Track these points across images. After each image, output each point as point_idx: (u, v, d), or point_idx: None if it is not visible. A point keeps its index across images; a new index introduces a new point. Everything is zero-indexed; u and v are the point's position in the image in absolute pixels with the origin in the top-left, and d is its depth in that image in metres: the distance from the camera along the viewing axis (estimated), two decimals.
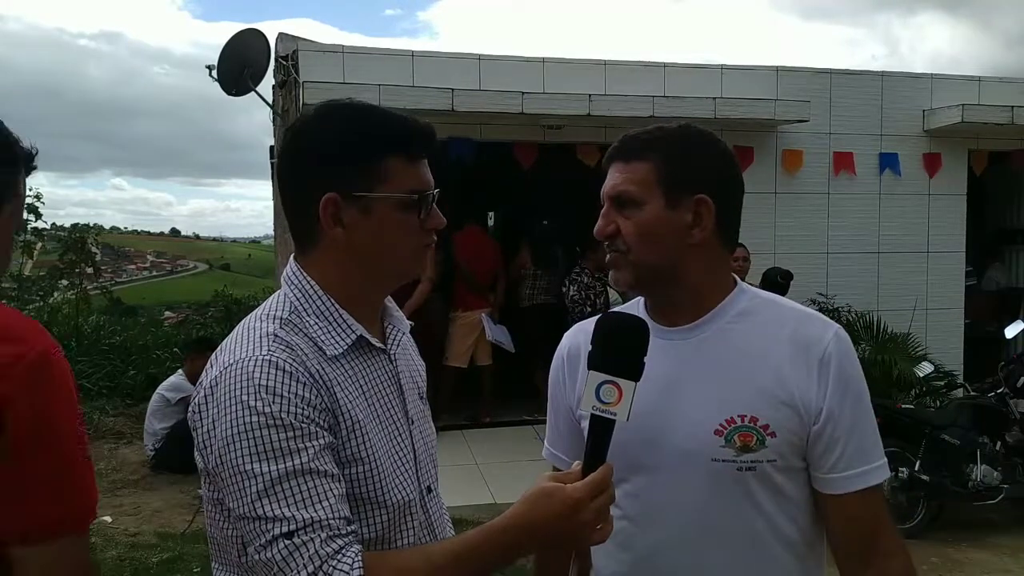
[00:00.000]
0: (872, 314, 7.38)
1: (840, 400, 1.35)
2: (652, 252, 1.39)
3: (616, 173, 1.43)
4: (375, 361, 1.35)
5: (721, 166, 1.44)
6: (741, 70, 7.36)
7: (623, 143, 1.45)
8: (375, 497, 1.26)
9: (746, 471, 1.34)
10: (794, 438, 1.35)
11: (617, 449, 1.36)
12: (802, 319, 1.43)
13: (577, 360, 1.51)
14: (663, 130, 1.45)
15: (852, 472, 1.36)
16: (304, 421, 1.16)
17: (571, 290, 6.71)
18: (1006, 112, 7.44)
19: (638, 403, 1.30)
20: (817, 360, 1.36)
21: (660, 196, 1.38)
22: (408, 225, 1.30)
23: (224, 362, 1.21)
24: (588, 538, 1.20)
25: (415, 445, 1.38)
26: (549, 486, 1.18)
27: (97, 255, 12.68)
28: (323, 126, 1.30)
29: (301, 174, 1.30)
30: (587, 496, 1.16)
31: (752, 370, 1.37)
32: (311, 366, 1.22)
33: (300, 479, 1.13)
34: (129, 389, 8.82)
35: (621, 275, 1.43)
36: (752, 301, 1.45)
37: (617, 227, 1.40)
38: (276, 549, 1.11)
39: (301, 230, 1.32)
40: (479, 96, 6.36)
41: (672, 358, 1.40)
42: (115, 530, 5.30)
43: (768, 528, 1.37)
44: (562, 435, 1.58)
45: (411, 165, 1.30)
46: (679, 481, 1.37)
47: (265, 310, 1.30)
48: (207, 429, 1.19)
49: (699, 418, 1.36)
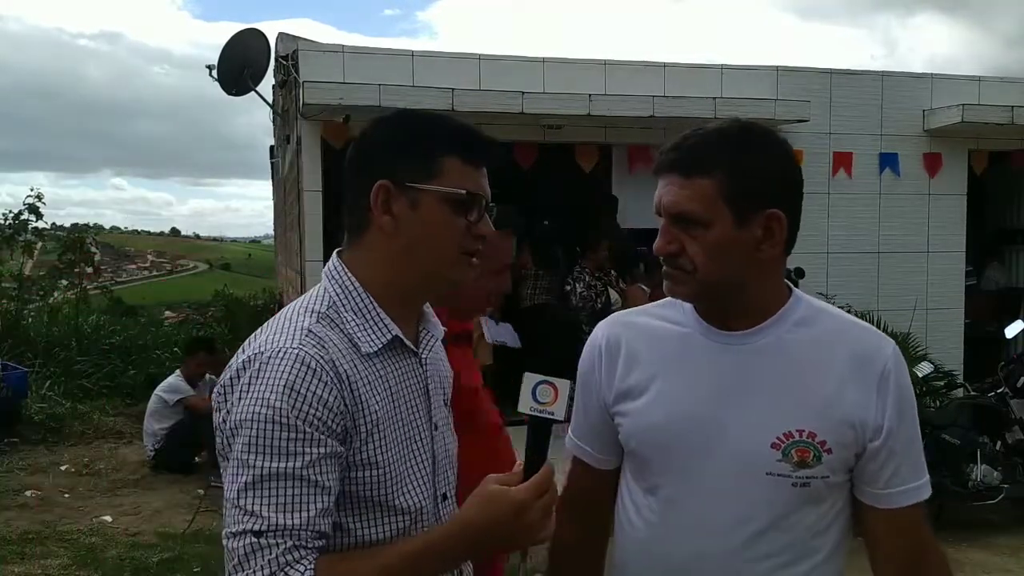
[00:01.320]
0: (872, 314, 7.36)
1: (899, 417, 1.33)
2: (720, 271, 1.32)
3: (674, 188, 1.32)
4: (406, 364, 1.35)
5: (787, 170, 1.37)
6: (741, 70, 7.36)
7: (680, 153, 1.33)
8: (385, 501, 1.26)
9: (800, 487, 1.31)
10: (848, 454, 1.33)
11: (662, 455, 1.35)
12: (860, 332, 1.40)
13: (618, 352, 1.45)
14: (724, 135, 1.34)
15: (907, 487, 1.36)
16: (312, 425, 1.17)
17: (578, 287, 6.70)
18: (1006, 112, 7.44)
19: (686, 409, 1.30)
20: (877, 376, 1.33)
21: (728, 214, 1.30)
22: (454, 226, 1.30)
23: (254, 349, 1.23)
24: (534, 539, 1.22)
25: (435, 451, 1.38)
26: (494, 489, 1.20)
27: (96, 255, 12.67)
28: (393, 123, 1.35)
29: (359, 165, 1.33)
30: (532, 498, 1.18)
31: (811, 383, 1.33)
32: (340, 363, 1.22)
33: (287, 482, 1.14)
34: (129, 389, 8.83)
35: (680, 289, 1.36)
36: (808, 309, 1.40)
37: (681, 246, 1.32)
38: (242, 542, 1.13)
39: (353, 218, 1.34)
40: (479, 96, 6.36)
41: (726, 364, 1.36)
42: (115, 530, 5.30)
43: (812, 542, 1.35)
44: (589, 427, 1.52)
45: (468, 168, 1.31)
46: (728, 492, 1.33)
47: (304, 302, 1.31)
48: (225, 411, 1.22)
49: (755, 430, 1.32)
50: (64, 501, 5.86)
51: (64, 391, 8.37)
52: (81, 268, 11.39)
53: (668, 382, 1.39)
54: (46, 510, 5.64)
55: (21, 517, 5.48)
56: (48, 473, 6.45)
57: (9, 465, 6.57)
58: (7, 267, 10.62)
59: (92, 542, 5.03)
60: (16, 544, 4.96)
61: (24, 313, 10.23)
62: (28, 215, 10.47)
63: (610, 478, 1.52)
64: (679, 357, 1.40)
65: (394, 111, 1.40)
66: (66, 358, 9.14)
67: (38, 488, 6.06)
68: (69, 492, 6.05)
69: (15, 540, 5.03)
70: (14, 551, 4.83)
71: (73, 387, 8.57)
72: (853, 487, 1.39)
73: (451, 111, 6.13)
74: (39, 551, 4.85)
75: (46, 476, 6.37)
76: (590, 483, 1.53)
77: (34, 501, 5.81)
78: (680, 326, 1.42)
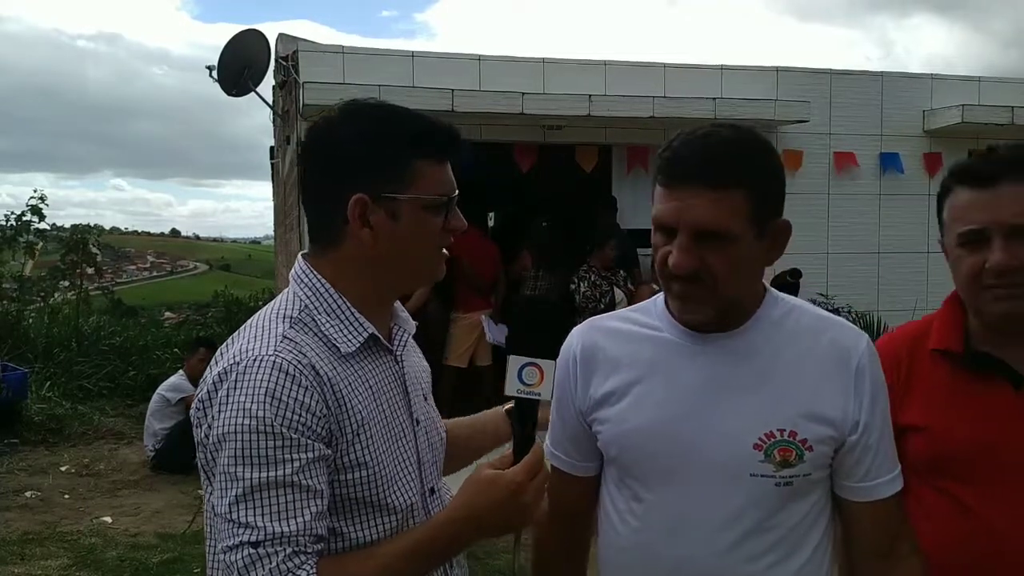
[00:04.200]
0: (872, 314, 7.37)
1: (872, 411, 1.35)
2: (739, 285, 1.31)
3: (702, 201, 1.24)
4: (383, 362, 1.35)
5: (783, 179, 1.35)
6: (741, 70, 7.37)
7: (704, 163, 1.25)
8: (377, 501, 1.26)
9: (784, 487, 1.31)
10: (828, 450, 1.34)
11: (645, 459, 1.34)
12: (834, 328, 1.40)
13: (593, 359, 1.43)
14: (742, 145, 1.29)
15: (882, 480, 1.37)
16: (297, 431, 1.16)
17: (582, 286, 6.67)
18: (1006, 112, 7.45)
19: (668, 412, 1.29)
20: (853, 371, 1.34)
21: (751, 228, 1.26)
22: (432, 228, 1.31)
23: (229, 360, 1.21)
24: (530, 519, 1.25)
25: (419, 447, 1.38)
26: (490, 473, 1.22)
27: (98, 256, 12.68)
28: (351, 126, 1.29)
29: (327, 173, 1.30)
30: (526, 479, 1.21)
31: (790, 383, 1.33)
32: (321, 367, 1.21)
33: (279, 490, 1.14)
34: (129, 389, 8.84)
35: (702, 308, 1.31)
36: (783, 308, 1.40)
37: (704, 262, 1.26)
38: (240, 555, 1.12)
39: (323, 230, 1.31)
40: (479, 97, 6.36)
41: (705, 367, 1.35)
42: (115, 530, 5.30)
43: (799, 539, 1.36)
44: (568, 435, 1.50)
45: (438, 168, 1.31)
46: (713, 495, 1.33)
47: (274, 309, 1.30)
48: (207, 425, 1.20)
49: (737, 431, 1.32)
50: (64, 502, 5.86)
51: (64, 392, 8.37)
52: (83, 269, 11.40)
53: (647, 387, 1.38)
54: (46, 511, 5.64)
55: (21, 518, 5.48)
56: (48, 474, 6.45)
57: (9, 465, 6.57)
58: (8, 268, 10.63)
59: (92, 543, 5.03)
60: (16, 545, 4.96)
61: (24, 314, 10.23)
62: (31, 216, 10.50)
63: (590, 485, 1.51)
64: (657, 361, 1.38)
65: (345, 103, 1.32)
66: (66, 359, 9.14)
67: (38, 489, 6.06)
68: (69, 493, 6.05)
69: (15, 541, 5.03)
70: (14, 551, 4.83)
71: (73, 388, 8.57)
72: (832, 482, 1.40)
73: (451, 111, 6.13)
74: (39, 552, 4.85)
75: (46, 477, 6.37)
76: (570, 491, 1.51)
77: (34, 502, 5.81)
78: (656, 330, 1.41)
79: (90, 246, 11.82)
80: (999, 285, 1.44)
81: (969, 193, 1.49)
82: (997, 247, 1.43)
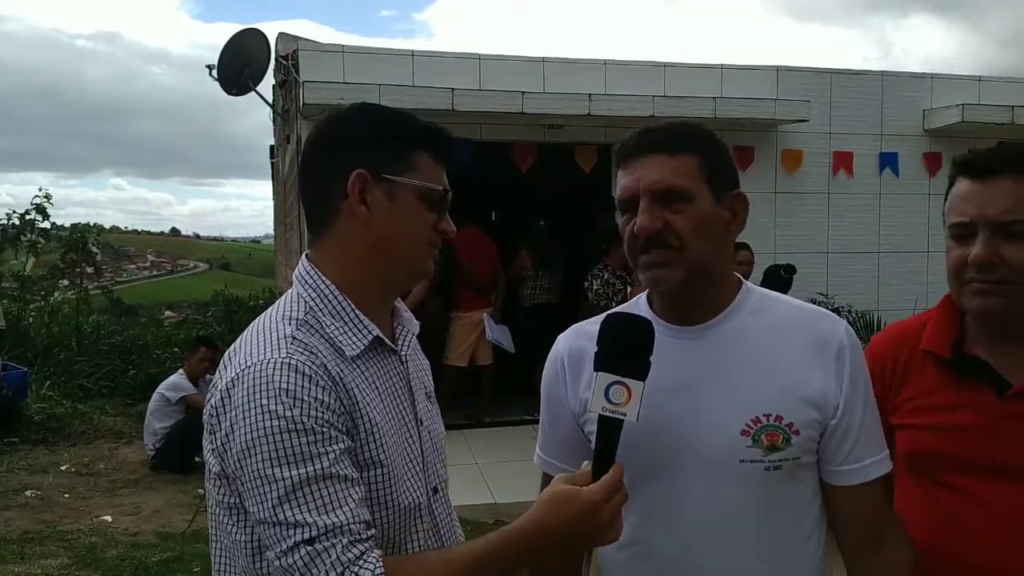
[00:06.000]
0: (872, 314, 7.37)
1: (853, 393, 1.37)
2: (705, 247, 1.35)
3: (658, 165, 1.34)
4: (388, 362, 1.35)
5: (731, 157, 1.45)
6: (741, 70, 7.36)
7: (661, 135, 1.38)
8: (387, 500, 1.26)
9: (774, 471, 1.34)
10: (814, 434, 1.36)
11: (634, 455, 1.33)
12: (813, 316, 1.44)
13: (580, 364, 1.46)
14: (690, 125, 1.43)
15: (862, 464, 1.38)
16: (324, 425, 1.16)
17: (595, 284, 6.61)
18: (1006, 112, 7.44)
19: (654, 407, 1.28)
20: (833, 355, 1.37)
21: (707, 191, 1.35)
22: (425, 220, 1.33)
23: (240, 364, 1.20)
24: (604, 539, 1.21)
25: (423, 446, 1.39)
26: (567, 489, 1.19)
27: (98, 255, 12.69)
28: (358, 116, 1.35)
29: (331, 149, 1.32)
30: (603, 498, 1.18)
31: (773, 368, 1.36)
32: (331, 368, 1.22)
33: (321, 484, 1.14)
34: (129, 389, 8.84)
35: (671, 273, 1.35)
36: (761, 299, 1.44)
37: (666, 222, 1.33)
38: (298, 555, 1.11)
39: (320, 210, 1.32)
40: (479, 96, 6.36)
41: (686, 358, 1.38)
42: (115, 530, 5.30)
43: (793, 525, 1.38)
44: (559, 441, 1.52)
45: (436, 166, 1.34)
46: (706, 486, 1.35)
47: (279, 311, 1.30)
48: (225, 433, 1.18)
49: (723, 420, 1.34)
50: (64, 501, 5.86)
51: (64, 391, 8.37)
52: (83, 268, 11.40)
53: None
54: (46, 510, 5.64)
55: (21, 517, 5.48)
56: (48, 473, 6.45)
57: (9, 465, 6.57)
58: (9, 267, 10.63)
59: (92, 542, 5.03)
60: (16, 544, 4.96)
61: (25, 313, 10.23)
62: (36, 216, 10.50)
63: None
64: None
65: (353, 104, 1.38)
66: (66, 358, 9.13)
67: (38, 488, 6.06)
68: (69, 492, 6.05)
69: (15, 540, 5.03)
70: (14, 551, 4.83)
71: (73, 387, 8.57)
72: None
73: (451, 111, 6.13)
74: (39, 551, 4.85)
75: (46, 476, 6.37)
76: None
77: (34, 501, 5.81)
78: None
79: (90, 245, 11.82)
80: (977, 280, 1.46)
81: (967, 184, 1.51)
82: (980, 241, 1.45)
